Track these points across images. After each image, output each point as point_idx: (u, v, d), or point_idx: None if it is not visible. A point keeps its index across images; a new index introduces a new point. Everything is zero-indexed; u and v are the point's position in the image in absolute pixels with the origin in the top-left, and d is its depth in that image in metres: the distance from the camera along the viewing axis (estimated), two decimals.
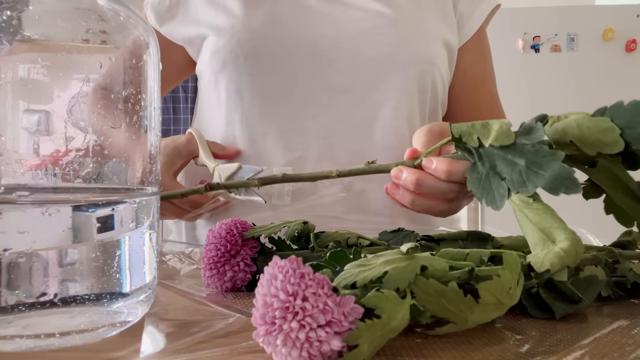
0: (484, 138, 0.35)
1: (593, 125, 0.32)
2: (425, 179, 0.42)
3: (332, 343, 0.21)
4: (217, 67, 0.67)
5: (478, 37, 0.75)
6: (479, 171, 0.35)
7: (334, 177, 0.44)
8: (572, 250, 0.28)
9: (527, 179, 0.32)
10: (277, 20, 0.66)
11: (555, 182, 0.31)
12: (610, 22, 2.37)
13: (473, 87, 0.77)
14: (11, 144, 0.26)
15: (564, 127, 0.32)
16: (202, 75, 0.73)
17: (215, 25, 0.68)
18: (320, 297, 0.21)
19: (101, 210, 0.28)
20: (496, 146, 0.34)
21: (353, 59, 0.65)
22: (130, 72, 0.29)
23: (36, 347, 0.25)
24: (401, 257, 0.25)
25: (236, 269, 0.38)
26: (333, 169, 0.44)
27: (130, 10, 0.30)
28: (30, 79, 0.26)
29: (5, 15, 0.25)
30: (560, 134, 0.33)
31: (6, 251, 0.24)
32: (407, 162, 0.43)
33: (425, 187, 0.42)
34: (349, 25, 0.66)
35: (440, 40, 0.69)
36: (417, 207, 0.45)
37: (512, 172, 0.33)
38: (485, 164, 0.35)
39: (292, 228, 0.39)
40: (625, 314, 0.32)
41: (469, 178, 0.36)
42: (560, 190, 0.30)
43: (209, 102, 0.72)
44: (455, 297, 0.24)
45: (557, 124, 0.33)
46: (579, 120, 0.32)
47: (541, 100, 2.39)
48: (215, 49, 0.67)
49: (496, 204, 0.33)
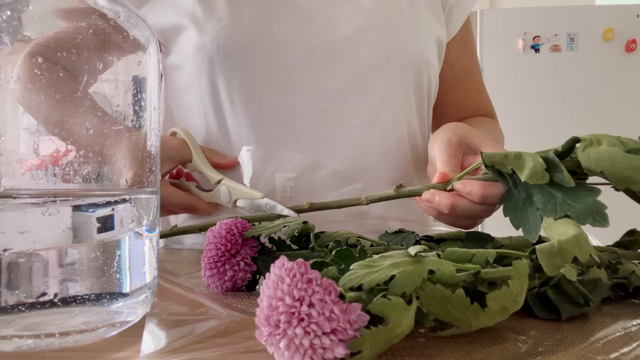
0: (519, 170, 0.36)
1: (625, 162, 0.33)
2: (460, 202, 0.42)
3: (336, 351, 0.21)
4: (202, 64, 0.61)
5: (464, 29, 0.75)
6: (516, 199, 0.37)
7: (364, 204, 0.44)
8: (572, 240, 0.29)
9: (560, 208, 0.33)
10: (267, 15, 0.62)
11: (585, 213, 0.32)
12: (610, 22, 2.37)
13: (462, 79, 0.77)
14: (11, 144, 0.26)
15: (597, 158, 0.34)
16: (178, 71, 0.66)
17: (195, 16, 0.62)
18: (326, 304, 0.21)
19: (101, 210, 0.28)
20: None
21: (349, 61, 0.63)
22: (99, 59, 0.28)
23: (36, 347, 0.25)
24: (409, 260, 0.24)
25: (236, 269, 0.38)
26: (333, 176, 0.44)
27: (130, 10, 0.30)
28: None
29: (5, 15, 0.25)
30: (592, 163, 0.34)
31: (6, 251, 0.24)
32: (437, 185, 0.44)
33: (460, 210, 0.42)
34: (343, 24, 0.63)
35: (433, 37, 0.69)
36: (443, 220, 0.46)
37: (548, 203, 0.34)
38: (521, 192, 0.36)
39: (292, 228, 0.39)
40: (626, 314, 0.32)
41: (506, 205, 0.37)
42: (587, 221, 0.32)
43: (185, 102, 0.66)
44: (462, 304, 0.24)
45: (589, 152, 0.34)
46: (612, 153, 0.34)
47: (541, 100, 2.39)
48: (200, 44, 0.61)
49: (532, 235, 0.34)
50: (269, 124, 0.62)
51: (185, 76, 0.64)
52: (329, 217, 0.62)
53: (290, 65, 0.62)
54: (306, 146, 0.62)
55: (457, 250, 0.28)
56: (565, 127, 2.33)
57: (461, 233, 0.43)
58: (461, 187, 0.42)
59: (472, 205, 0.42)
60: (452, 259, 0.27)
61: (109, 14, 0.28)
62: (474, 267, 0.26)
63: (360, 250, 0.29)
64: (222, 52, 0.60)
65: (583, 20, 2.39)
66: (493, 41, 2.40)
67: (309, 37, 0.62)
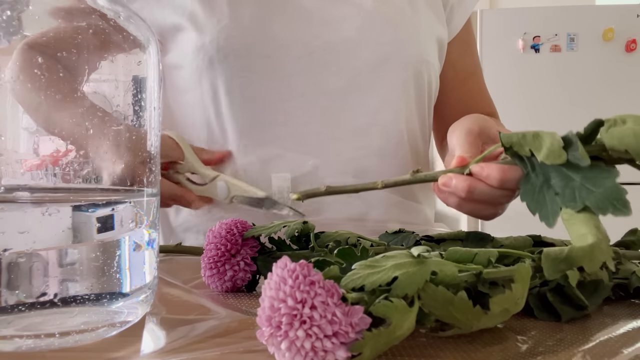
0: (536, 151, 0.35)
1: None
2: (477, 186, 0.41)
3: (338, 354, 0.21)
4: (202, 65, 0.61)
5: (465, 29, 0.75)
6: (533, 183, 0.35)
7: (379, 188, 0.43)
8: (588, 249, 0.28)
9: (579, 195, 0.32)
10: (267, 16, 0.61)
11: (605, 202, 0.31)
12: (610, 22, 2.37)
13: (463, 79, 0.76)
14: (11, 144, 0.26)
15: (621, 136, 0.32)
16: (178, 70, 0.65)
17: (195, 15, 0.61)
18: (329, 307, 0.21)
19: (101, 210, 0.28)
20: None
21: (349, 61, 0.63)
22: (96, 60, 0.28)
23: (36, 347, 0.25)
24: (411, 261, 0.24)
25: (236, 268, 0.38)
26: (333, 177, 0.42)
27: (130, 10, 0.30)
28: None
29: (5, 15, 0.25)
30: (615, 141, 0.32)
31: (6, 251, 0.24)
32: (455, 169, 0.43)
33: (477, 194, 0.42)
34: (343, 24, 0.63)
35: (434, 37, 0.68)
36: (464, 209, 0.45)
37: (566, 187, 0.33)
38: (539, 176, 0.35)
39: (292, 227, 0.39)
40: (626, 314, 0.32)
41: (523, 190, 0.36)
42: (608, 210, 0.30)
43: (185, 101, 0.66)
44: (464, 307, 0.24)
45: (613, 130, 0.33)
46: (637, 130, 0.32)
47: (541, 100, 2.39)
48: (200, 45, 0.61)
49: (549, 221, 0.33)
50: (269, 125, 0.62)
51: (185, 76, 0.64)
52: (328, 220, 0.62)
53: (290, 66, 0.62)
54: (306, 147, 0.62)
55: (460, 249, 0.28)
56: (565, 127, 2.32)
57: (461, 233, 0.43)
58: (479, 170, 0.41)
59: (490, 189, 0.41)
60: (454, 259, 0.27)
61: (108, 13, 0.28)
62: (476, 268, 0.26)
63: (362, 249, 0.28)
64: (222, 53, 0.60)
65: (583, 20, 2.39)
66: (493, 41, 2.40)
67: (309, 38, 0.62)
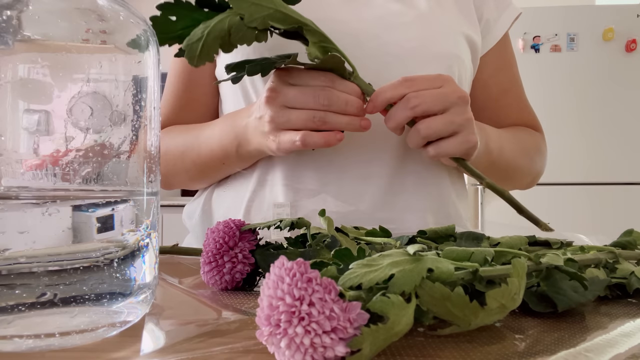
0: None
1: None
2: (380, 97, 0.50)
3: (337, 349, 0.21)
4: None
5: (502, 45, 0.74)
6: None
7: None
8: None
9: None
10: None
11: None
12: (610, 22, 2.37)
13: (497, 96, 0.75)
14: (11, 144, 0.26)
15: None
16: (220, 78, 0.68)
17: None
18: (326, 303, 0.21)
19: (101, 210, 0.28)
20: None
21: (377, 57, 0.63)
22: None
23: (36, 347, 0.25)
24: (408, 259, 0.25)
25: (234, 261, 0.38)
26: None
27: (130, 10, 0.30)
28: (30, 79, 0.26)
29: (5, 15, 0.25)
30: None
31: (6, 251, 0.24)
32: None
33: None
34: (371, 23, 0.64)
35: (463, 35, 0.68)
36: (422, 132, 0.50)
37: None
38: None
39: (288, 220, 0.40)
40: (623, 313, 0.32)
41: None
42: None
43: (227, 109, 0.69)
44: (461, 302, 0.24)
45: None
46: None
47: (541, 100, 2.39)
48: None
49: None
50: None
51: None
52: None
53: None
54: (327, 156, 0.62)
55: (456, 248, 0.28)
56: (565, 127, 2.33)
57: (451, 227, 0.43)
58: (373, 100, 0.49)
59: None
60: (451, 258, 0.27)
61: (109, 13, 0.28)
62: (472, 266, 0.26)
63: (359, 249, 0.29)
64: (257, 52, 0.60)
65: (583, 20, 2.39)
66: None
67: (337, 35, 0.60)
